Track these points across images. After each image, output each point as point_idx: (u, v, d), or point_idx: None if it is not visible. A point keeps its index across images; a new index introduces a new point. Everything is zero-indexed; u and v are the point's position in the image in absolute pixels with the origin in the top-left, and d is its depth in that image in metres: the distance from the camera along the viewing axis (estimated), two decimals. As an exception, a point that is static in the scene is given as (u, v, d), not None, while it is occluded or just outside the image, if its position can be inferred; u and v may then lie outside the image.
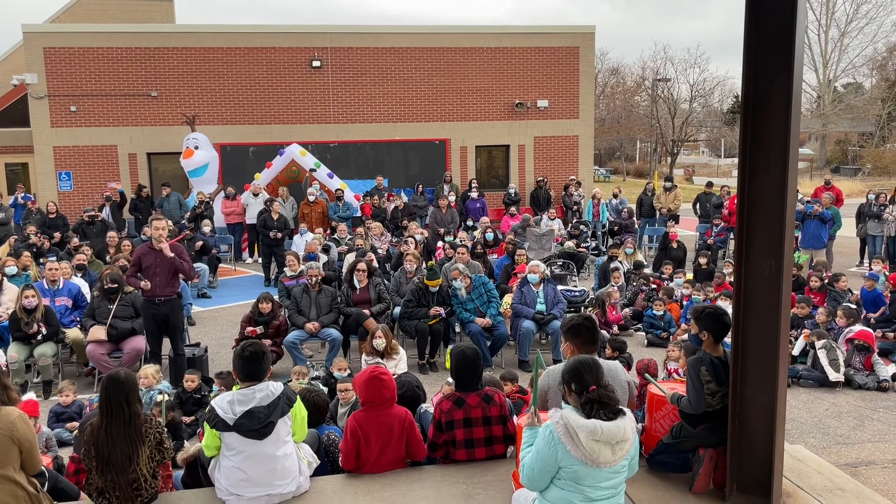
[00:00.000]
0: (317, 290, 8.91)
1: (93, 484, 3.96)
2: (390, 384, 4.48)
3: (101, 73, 17.98)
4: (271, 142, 18.06)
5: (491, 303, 8.84)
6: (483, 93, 19.61)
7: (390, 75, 19.13)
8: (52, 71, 17.77)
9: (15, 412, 3.88)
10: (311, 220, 15.31)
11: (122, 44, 18.02)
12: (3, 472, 3.76)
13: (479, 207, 16.68)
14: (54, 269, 9.20)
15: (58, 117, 17.95)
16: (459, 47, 19.37)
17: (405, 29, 19.62)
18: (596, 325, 4.54)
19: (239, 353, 4.25)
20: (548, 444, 3.45)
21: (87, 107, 18.02)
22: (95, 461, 3.91)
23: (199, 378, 7.20)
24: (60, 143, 18.06)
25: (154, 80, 18.24)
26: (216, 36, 18.56)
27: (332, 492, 4.26)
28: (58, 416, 6.83)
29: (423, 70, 19.26)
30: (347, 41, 18.90)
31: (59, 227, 14.39)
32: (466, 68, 19.46)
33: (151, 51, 18.20)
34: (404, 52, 19.15)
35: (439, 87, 19.39)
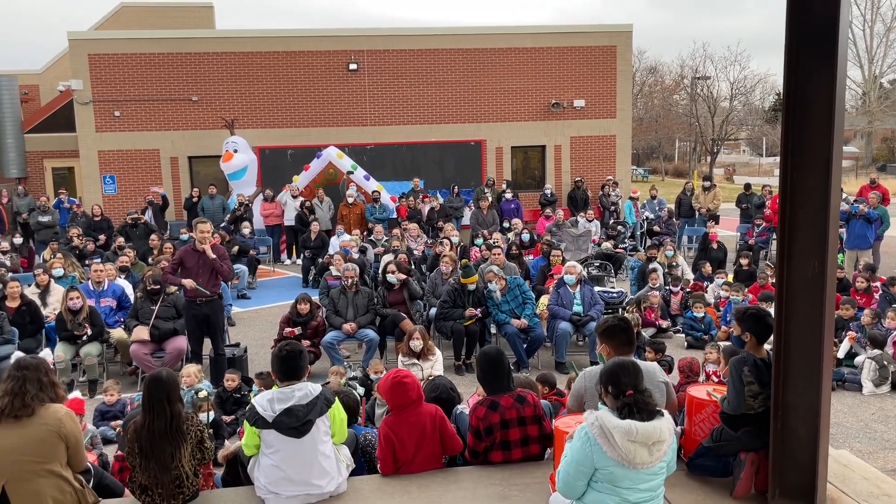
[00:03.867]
0: (354, 290, 8.99)
1: (136, 481, 4.06)
2: (414, 385, 4.50)
3: (144, 78, 18.38)
4: (309, 144, 18.25)
5: (526, 304, 8.81)
6: (519, 93, 19.54)
7: (426, 77, 19.19)
8: (96, 77, 18.21)
9: (62, 410, 4.00)
10: (350, 222, 15.45)
11: (164, 49, 18.39)
12: (50, 468, 3.87)
13: (513, 208, 16.63)
14: (99, 270, 9.44)
15: (102, 122, 18.39)
16: (495, 48, 19.35)
17: (441, 31, 19.66)
18: (632, 327, 4.50)
19: (277, 353, 4.31)
20: (583, 445, 3.43)
21: (130, 112, 18.44)
22: (139, 458, 4.01)
23: (239, 378, 7.32)
24: (105, 148, 18.50)
25: (195, 84, 18.58)
26: (254, 41, 18.83)
27: (370, 492, 4.29)
28: (103, 415, 6.99)
29: (459, 71, 19.28)
30: (383, 44, 19.01)
31: (104, 230, 14.76)
32: (502, 69, 19.42)
33: (192, 56, 18.54)
34: (440, 53, 19.19)
35: (475, 89, 19.38)
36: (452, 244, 11.92)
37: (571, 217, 15.94)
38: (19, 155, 19.69)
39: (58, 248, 11.98)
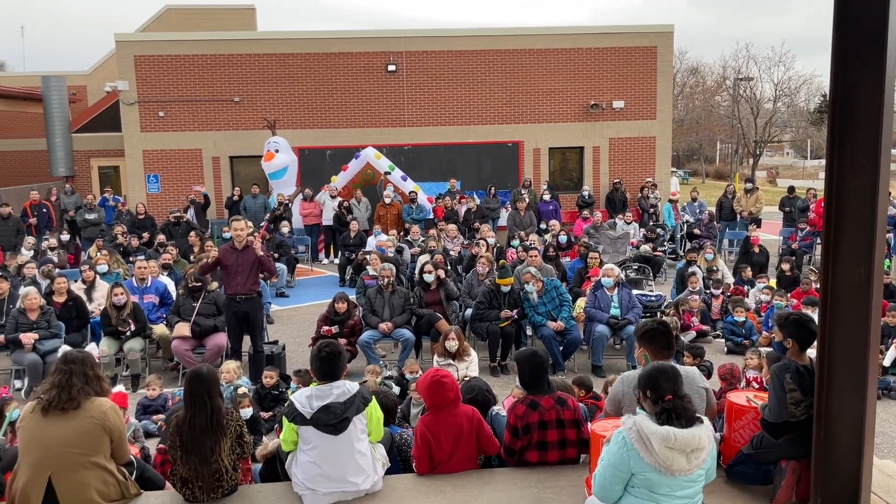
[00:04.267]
0: (390, 290, 9.04)
1: (177, 474, 4.14)
2: (453, 385, 4.51)
3: (188, 79, 18.74)
4: (347, 145, 18.41)
5: (563, 307, 8.75)
6: (557, 94, 19.44)
7: (464, 78, 19.21)
8: (142, 78, 18.64)
9: (107, 403, 4.10)
10: (387, 222, 15.54)
11: (207, 51, 18.73)
12: (94, 460, 3.97)
13: (551, 210, 16.55)
14: (143, 267, 9.64)
15: (147, 122, 18.81)
16: (534, 49, 19.28)
17: (479, 31, 19.67)
18: (671, 331, 4.45)
19: (316, 353, 4.36)
20: (619, 449, 3.41)
21: (174, 112, 18.82)
22: (180, 452, 4.09)
23: (277, 375, 7.42)
24: (149, 147, 18.92)
25: (237, 85, 18.89)
26: (295, 42, 19.06)
27: (405, 490, 4.31)
28: (145, 409, 7.15)
29: (496, 72, 19.26)
30: (422, 45, 19.09)
31: (148, 228, 15.08)
32: (540, 70, 19.34)
33: (234, 57, 18.85)
34: (478, 54, 19.19)
35: (513, 90, 19.34)
36: (489, 245, 11.91)
37: (609, 219, 15.80)
38: (67, 154, 20.23)
39: (103, 245, 12.27)
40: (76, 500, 3.89)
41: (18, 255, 12.49)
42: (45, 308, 8.46)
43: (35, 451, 3.89)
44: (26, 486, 3.88)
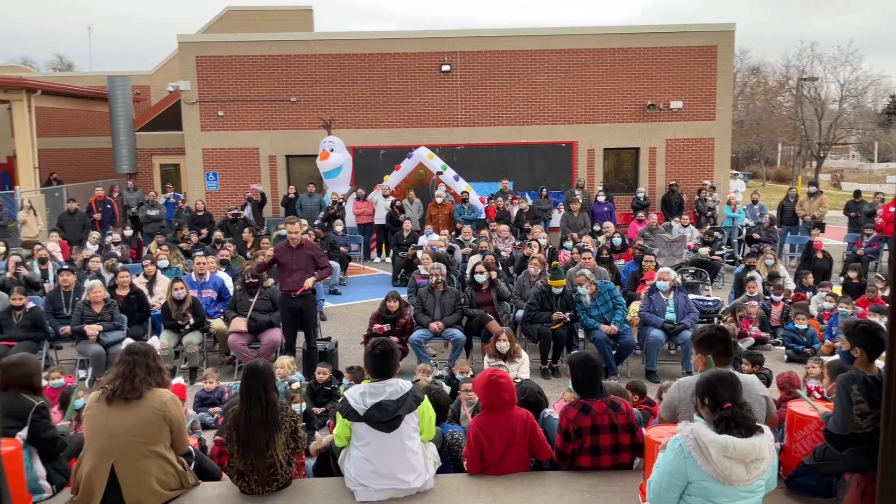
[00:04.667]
0: (441, 290, 9.05)
1: (234, 466, 4.22)
2: (509, 387, 4.49)
3: (246, 79, 19.14)
4: (401, 145, 18.52)
5: (616, 310, 8.63)
6: (613, 94, 19.17)
7: (518, 78, 19.11)
8: (203, 78, 19.10)
9: (167, 394, 4.21)
10: (438, 222, 15.58)
11: (266, 52, 19.09)
12: (155, 449, 4.08)
13: (605, 211, 16.33)
14: (202, 263, 9.88)
15: (207, 121, 19.27)
16: (589, 48, 19.05)
17: (534, 31, 19.53)
18: (729, 337, 4.35)
19: (370, 350, 4.40)
20: (676, 457, 3.34)
21: (233, 111, 19.24)
22: (236, 445, 4.17)
23: (330, 371, 7.51)
24: (208, 146, 19.37)
25: (294, 85, 19.20)
26: (351, 43, 19.27)
27: (455, 490, 4.31)
28: (202, 401, 7.32)
29: (551, 72, 19.10)
30: (476, 45, 19.06)
31: (206, 224, 15.46)
32: (596, 70, 19.10)
33: (291, 58, 19.16)
34: (532, 54, 19.07)
35: (567, 90, 19.15)
36: (541, 246, 11.82)
37: (665, 222, 15.51)
38: (130, 152, 20.89)
39: (163, 241, 12.62)
40: (137, 488, 4.00)
41: (84, 249, 12.94)
42: (108, 301, 8.75)
43: (99, 440, 4.02)
44: (90, 472, 4.01)
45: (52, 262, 11.39)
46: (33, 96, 18.50)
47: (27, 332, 8.36)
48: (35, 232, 15.01)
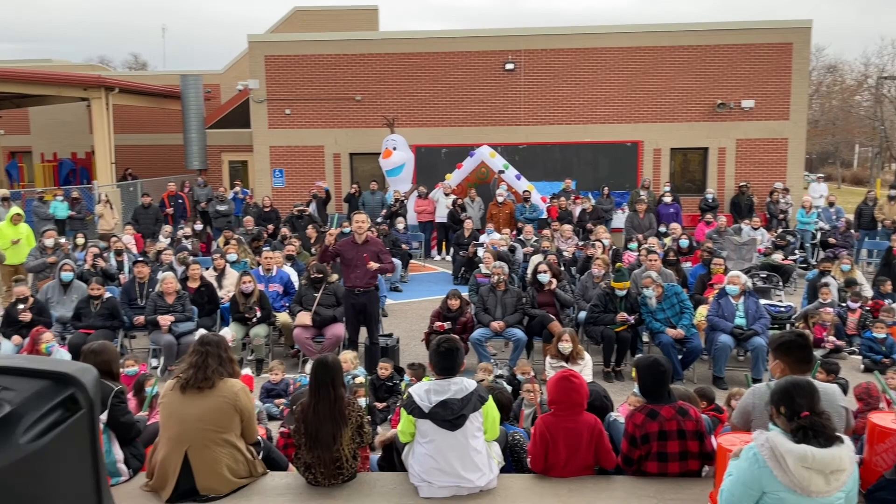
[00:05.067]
0: (503, 289, 9.01)
1: (301, 458, 4.29)
2: (581, 389, 4.42)
3: (313, 78, 19.47)
4: (463, 143, 18.54)
5: (684, 314, 8.42)
6: (681, 93, 18.74)
7: (583, 76, 18.89)
8: (271, 77, 19.53)
9: (238, 384, 4.31)
10: (499, 221, 15.53)
11: (332, 51, 19.39)
12: (226, 437, 4.18)
13: (671, 213, 15.97)
14: (269, 257, 10.10)
15: (274, 119, 19.70)
16: (658, 46, 18.68)
17: (601, 29, 19.26)
18: (810, 343, 4.19)
19: (435, 347, 4.40)
20: (750, 466, 3.23)
21: (299, 110, 19.61)
22: (304, 437, 4.24)
23: (391, 367, 7.57)
24: (275, 143, 19.80)
25: (358, 84, 19.44)
26: (415, 42, 19.39)
27: (519, 490, 4.28)
28: (268, 392, 7.47)
29: (617, 70, 18.81)
30: (541, 43, 18.93)
31: (272, 220, 15.80)
32: (664, 67, 18.71)
33: (357, 57, 19.41)
34: (599, 52, 18.81)
35: (634, 88, 18.82)
36: (605, 247, 11.64)
37: (734, 224, 15.06)
38: (201, 149, 21.52)
39: (232, 236, 12.95)
40: (209, 475, 4.11)
41: (157, 242, 13.40)
42: (180, 292, 9.02)
43: (173, 426, 4.15)
44: (165, 459, 4.14)
45: (128, 255, 11.82)
46: (111, 94, 19.26)
47: (104, 321, 8.70)
48: (111, 225, 15.63)
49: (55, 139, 25.52)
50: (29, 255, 11.06)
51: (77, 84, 19.31)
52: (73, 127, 25.24)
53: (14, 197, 16.28)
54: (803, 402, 3.31)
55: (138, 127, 25.10)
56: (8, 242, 11.00)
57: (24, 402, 1.16)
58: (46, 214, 15.46)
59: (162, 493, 4.16)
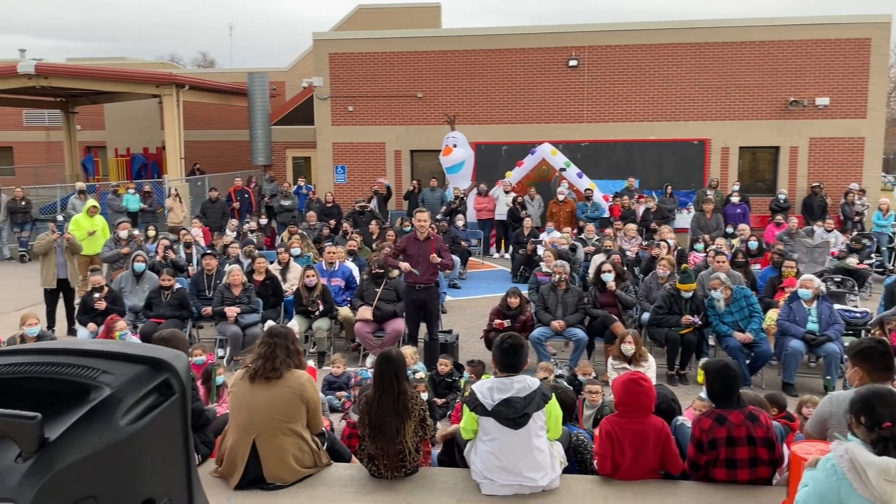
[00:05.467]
0: (564, 288, 8.92)
1: (364, 450, 4.34)
2: (650, 393, 4.34)
3: (376, 76, 19.67)
4: (523, 141, 18.44)
5: (753, 317, 8.17)
6: (751, 90, 18.18)
7: (649, 73, 18.53)
8: (335, 74, 19.81)
9: (304, 375, 4.39)
10: (560, 220, 15.39)
11: (394, 49, 19.54)
12: (293, 427, 4.26)
13: (739, 213, 15.52)
14: (332, 252, 10.25)
15: (337, 116, 19.97)
16: (727, 42, 18.17)
17: (668, 25, 18.85)
18: (891, 351, 4.01)
19: (498, 344, 4.39)
20: (828, 478, 3.10)
21: (362, 107, 19.84)
22: (368, 429, 4.28)
23: (451, 363, 7.58)
24: (338, 140, 20.08)
25: (420, 82, 19.54)
26: (477, 39, 19.37)
27: (583, 492, 4.23)
28: (329, 385, 7.59)
29: (684, 67, 18.38)
30: (606, 39, 18.65)
31: (335, 216, 16.03)
32: (734, 64, 18.19)
33: (419, 54, 19.51)
34: (665, 48, 18.42)
35: (702, 85, 18.36)
36: (670, 247, 11.40)
37: (806, 226, 14.55)
38: (266, 145, 21.98)
39: (296, 231, 13.19)
40: (276, 464, 4.20)
41: (224, 235, 13.76)
42: (246, 285, 9.24)
43: (242, 415, 4.25)
44: (234, 446, 4.25)
45: (196, 247, 12.18)
46: (181, 91, 19.84)
47: (173, 311, 8.98)
48: (180, 218, 16.12)
49: (128, 135, 26.48)
50: (104, 246, 11.50)
51: (150, 81, 19.98)
52: (145, 123, 26.14)
53: (90, 190, 16.96)
54: (884, 411, 3.17)
55: (206, 123, 25.82)
56: (84, 234, 11.45)
57: (122, 386, 1.20)
58: (120, 207, 16.05)
59: (230, 479, 4.27)
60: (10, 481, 1.08)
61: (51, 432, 1.12)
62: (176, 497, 1.30)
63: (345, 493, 4.20)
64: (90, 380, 1.20)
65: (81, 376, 1.20)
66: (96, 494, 1.14)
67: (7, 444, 1.12)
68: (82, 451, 1.12)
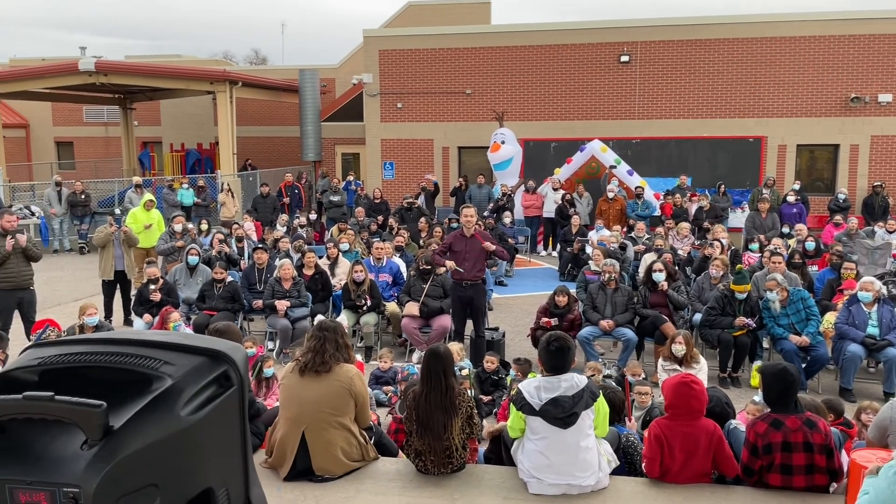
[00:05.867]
0: (613, 287, 8.80)
1: (412, 445, 4.36)
2: (701, 396, 4.24)
3: (425, 72, 19.71)
4: (573, 137, 18.25)
5: (810, 320, 7.93)
6: (810, 86, 17.64)
7: (703, 69, 18.14)
8: (385, 71, 19.92)
9: (353, 369, 4.43)
10: (609, 218, 15.19)
11: (444, 45, 19.55)
12: (341, 421, 4.30)
13: (795, 213, 15.08)
14: (380, 248, 10.32)
15: (386, 113, 20.09)
16: (784, 37, 17.66)
17: (723, 19, 18.41)
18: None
19: (545, 345, 4.34)
20: (890, 486, 2.99)
21: (410, 104, 19.91)
22: (416, 425, 4.30)
23: (497, 360, 7.55)
24: (387, 137, 20.20)
25: (469, 78, 19.51)
26: (527, 35, 19.24)
27: (631, 493, 4.17)
28: (377, 379, 7.64)
29: (740, 62, 17.93)
30: (660, 35, 18.32)
31: (382, 212, 16.14)
32: (791, 59, 17.67)
33: (469, 51, 19.48)
34: (721, 43, 18.00)
35: (758, 81, 17.88)
36: (723, 247, 11.15)
37: (866, 226, 14.05)
38: (316, 141, 22.25)
39: (346, 227, 13.32)
40: (324, 456, 4.25)
41: (274, 230, 13.97)
42: (296, 279, 9.37)
43: (292, 408, 4.31)
44: (283, 438, 4.31)
45: (248, 241, 12.39)
46: (234, 88, 20.21)
47: (226, 304, 9.16)
48: (232, 213, 16.44)
49: (183, 131, 27.11)
50: (159, 239, 11.80)
51: (204, 78, 20.41)
52: (200, 119, 26.73)
53: (146, 184, 17.43)
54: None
55: (258, 119, 26.27)
56: (141, 227, 11.76)
57: (183, 377, 1.22)
58: (174, 201, 16.44)
59: (280, 470, 4.33)
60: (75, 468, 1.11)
61: (115, 421, 1.14)
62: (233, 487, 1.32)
63: (391, 488, 4.22)
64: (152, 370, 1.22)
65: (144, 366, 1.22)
66: (157, 482, 1.16)
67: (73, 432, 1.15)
68: (145, 439, 1.14)
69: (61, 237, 17.05)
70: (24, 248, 8.59)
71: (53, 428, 1.16)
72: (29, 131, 29.01)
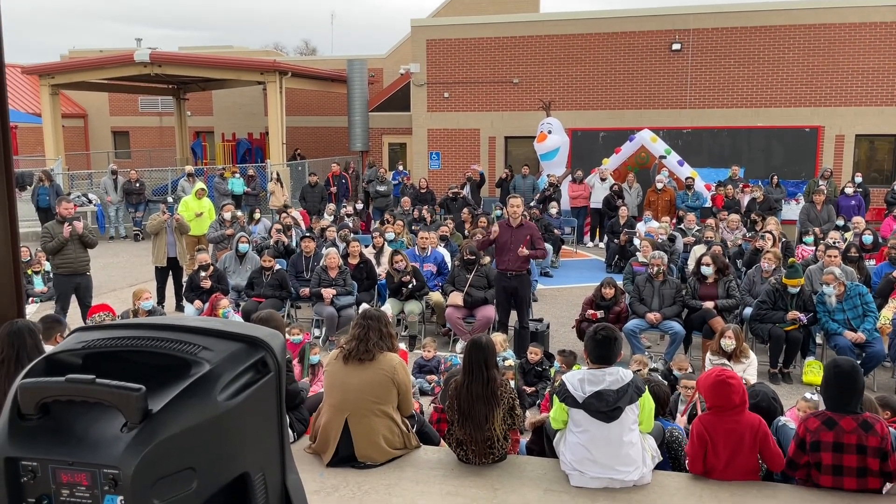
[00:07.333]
0: (661, 280, 8.66)
1: (453, 435, 4.37)
2: (739, 389, 4.14)
3: (472, 61, 19.63)
4: (622, 127, 17.97)
5: (867, 316, 7.67)
6: (871, 74, 16.99)
7: (758, 56, 17.63)
8: (432, 61, 19.91)
9: (396, 358, 4.45)
10: (658, 209, 14.93)
11: (492, 34, 19.43)
12: (384, 409, 4.34)
13: (853, 205, 14.58)
14: (425, 237, 10.35)
15: (433, 103, 20.09)
16: (844, 23, 17.04)
17: (780, 6, 17.85)
18: None
19: (591, 335, 4.29)
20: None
21: (458, 93, 19.87)
22: (457, 415, 4.30)
23: (541, 352, 7.51)
24: (433, 126, 20.21)
25: (516, 67, 19.36)
26: (576, 23, 18.98)
27: (675, 489, 4.10)
28: (420, 368, 7.68)
29: (796, 50, 17.38)
30: (713, 22, 17.87)
31: (428, 202, 16.16)
32: (851, 46, 17.04)
33: (516, 39, 19.32)
34: (776, 30, 17.47)
35: (815, 69, 17.31)
36: (776, 240, 10.85)
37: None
38: (364, 131, 22.39)
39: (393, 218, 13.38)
40: (367, 443, 4.29)
41: (322, 219, 14.13)
42: (342, 268, 9.46)
43: (336, 395, 4.36)
44: (327, 424, 4.37)
45: (296, 229, 12.56)
46: (284, 78, 20.46)
47: (273, 291, 9.31)
48: (281, 202, 16.67)
49: (234, 120, 27.61)
50: (210, 227, 12.05)
51: (255, 69, 20.71)
52: (250, 109, 27.17)
53: (198, 173, 17.81)
54: None
55: (307, 109, 26.56)
56: (192, 215, 12.02)
57: (221, 363, 1.23)
58: (225, 190, 16.76)
59: (323, 456, 4.39)
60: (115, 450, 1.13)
61: (154, 404, 1.17)
62: (269, 472, 1.33)
63: (433, 476, 4.24)
64: (191, 355, 1.24)
65: (183, 351, 1.25)
66: (195, 466, 1.18)
67: (113, 415, 1.17)
68: (183, 423, 1.16)
69: (117, 224, 17.55)
70: (80, 235, 8.86)
71: (94, 410, 1.19)
72: (87, 121, 29.94)
